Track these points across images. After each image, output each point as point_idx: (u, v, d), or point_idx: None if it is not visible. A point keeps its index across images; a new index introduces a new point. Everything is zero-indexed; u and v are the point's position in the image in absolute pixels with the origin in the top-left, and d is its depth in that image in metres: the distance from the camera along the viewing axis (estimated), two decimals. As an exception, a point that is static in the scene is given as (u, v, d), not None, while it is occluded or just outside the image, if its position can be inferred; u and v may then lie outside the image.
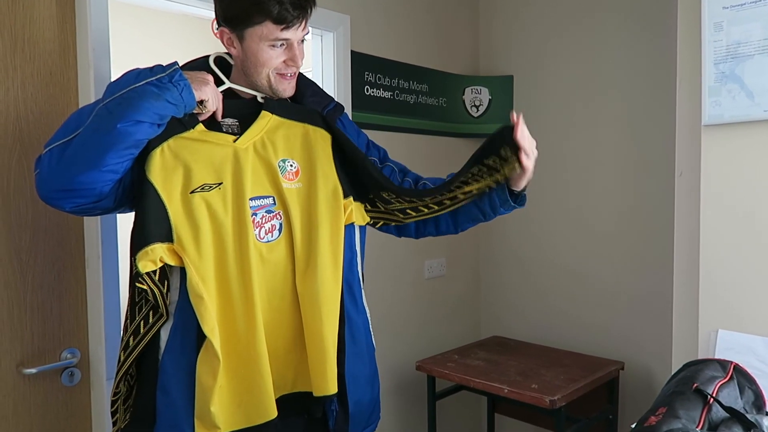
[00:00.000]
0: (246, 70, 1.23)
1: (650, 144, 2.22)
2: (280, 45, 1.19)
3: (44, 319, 1.44)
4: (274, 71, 1.21)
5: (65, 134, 1.07)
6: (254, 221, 1.16)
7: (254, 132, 1.20)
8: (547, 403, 1.87)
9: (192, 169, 1.13)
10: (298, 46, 1.22)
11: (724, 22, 1.29)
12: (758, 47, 1.25)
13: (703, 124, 1.34)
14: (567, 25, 2.44)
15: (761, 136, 1.27)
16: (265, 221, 1.18)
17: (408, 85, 2.39)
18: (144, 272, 1.09)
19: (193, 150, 1.14)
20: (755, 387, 1.17)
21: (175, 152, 1.13)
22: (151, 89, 1.05)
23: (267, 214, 1.18)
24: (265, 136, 1.21)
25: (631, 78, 2.26)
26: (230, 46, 1.22)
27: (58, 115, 1.45)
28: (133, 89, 1.04)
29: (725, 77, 1.30)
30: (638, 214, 2.27)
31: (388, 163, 1.45)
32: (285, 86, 1.24)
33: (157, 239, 1.09)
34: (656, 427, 0.97)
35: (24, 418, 1.41)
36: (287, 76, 1.23)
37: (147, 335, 1.12)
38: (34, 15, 1.41)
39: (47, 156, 1.07)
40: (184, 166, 1.13)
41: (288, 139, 1.23)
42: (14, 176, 1.39)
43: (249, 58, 1.21)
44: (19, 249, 1.39)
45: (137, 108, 1.03)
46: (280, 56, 1.20)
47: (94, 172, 1.05)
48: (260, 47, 1.18)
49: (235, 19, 1.18)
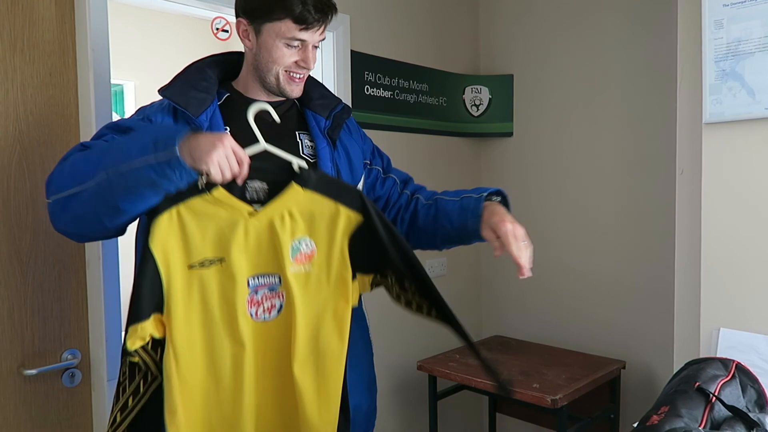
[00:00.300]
0: (257, 65, 1.23)
1: (651, 142, 2.21)
2: (295, 45, 1.19)
3: (45, 320, 1.44)
4: (284, 70, 1.21)
5: (68, 185, 1.05)
6: (252, 299, 1.11)
7: (276, 206, 1.12)
8: (549, 402, 1.87)
9: (195, 241, 1.08)
10: (313, 49, 1.22)
11: (724, 20, 1.29)
12: (759, 45, 1.25)
13: (704, 122, 1.33)
14: (567, 23, 2.43)
15: (762, 134, 1.27)
16: (265, 299, 1.12)
17: (408, 84, 2.39)
18: (132, 349, 1.06)
19: (203, 217, 1.08)
20: (757, 386, 1.17)
21: (183, 219, 1.07)
22: (149, 175, 0.99)
23: (269, 293, 1.13)
24: (287, 212, 1.12)
25: (632, 76, 2.26)
26: (245, 38, 1.22)
27: (57, 116, 1.45)
28: (133, 170, 1.00)
29: (726, 75, 1.29)
30: (639, 212, 2.27)
31: (390, 174, 1.44)
32: (293, 87, 1.24)
33: (148, 314, 1.06)
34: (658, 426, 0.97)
35: (25, 419, 1.41)
36: (297, 78, 1.23)
37: (146, 394, 1.09)
38: (33, 16, 1.41)
39: (52, 206, 1.07)
40: (188, 236, 1.08)
41: (313, 217, 1.14)
42: (14, 177, 1.39)
43: (262, 53, 1.21)
44: (20, 250, 1.39)
45: (135, 191, 1.01)
46: (293, 56, 1.20)
47: (99, 229, 1.08)
48: (275, 44, 1.18)
49: (255, 12, 1.18)
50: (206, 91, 1.21)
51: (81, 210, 1.05)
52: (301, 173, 1.13)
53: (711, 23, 1.30)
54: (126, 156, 1.01)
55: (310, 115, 1.33)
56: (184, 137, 0.99)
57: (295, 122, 1.33)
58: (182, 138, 0.99)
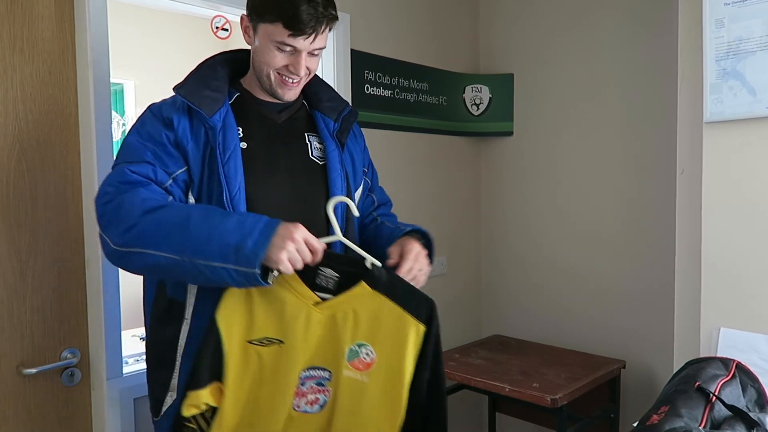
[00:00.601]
0: (254, 64, 1.24)
1: (651, 141, 2.21)
2: (287, 50, 1.17)
3: (44, 319, 1.43)
4: (275, 71, 1.21)
5: (136, 243, 1.06)
6: (298, 390, 1.10)
7: (342, 301, 1.09)
8: (549, 401, 1.87)
9: (259, 318, 1.09)
10: (309, 57, 1.20)
11: (725, 19, 1.29)
12: (760, 44, 1.25)
13: (705, 121, 1.33)
14: (567, 22, 2.43)
15: (763, 133, 1.26)
16: (310, 392, 1.11)
17: (408, 83, 2.39)
18: (188, 416, 1.08)
19: (269, 297, 1.09)
20: (758, 385, 1.17)
21: (251, 295, 1.09)
22: (225, 278, 1.03)
23: (316, 386, 1.11)
24: (352, 310, 1.08)
25: (632, 75, 2.26)
26: (246, 35, 1.23)
27: (57, 115, 1.45)
28: (210, 268, 1.02)
29: (727, 74, 1.29)
30: (639, 212, 2.26)
31: (373, 194, 1.46)
32: (285, 91, 1.23)
33: (206, 382, 1.08)
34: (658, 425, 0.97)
35: (24, 418, 1.41)
36: (289, 81, 1.22)
37: None
38: (32, 15, 1.41)
39: (113, 252, 1.09)
40: (253, 312, 1.09)
41: (379, 323, 1.08)
42: (14, 176, 1.39)
43: (257, 52, 1.21)
44: (19, 249, 1.39)
45: (208, 281, 1.05)
46: (283, 60, 1.19)
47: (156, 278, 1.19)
48: (267, 45, 1.18)
49: (254, 10, 1.19)
50: (219, 91, 1.20)
51: (144, 265, 1.08)
52: (372, 271, 1.09)
53: (712, 22, 1.30)
54: (205, 250, 1.02)
55: (319, 117, 1.33)
56: (263, 249, 1.01)
57: (304, 123, 1.32)
58: (263, 251, 1.01)
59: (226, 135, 1.18)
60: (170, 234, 1.04)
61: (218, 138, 1.17)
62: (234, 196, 1.15)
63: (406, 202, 2.37)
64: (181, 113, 1.19)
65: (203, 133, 1.18)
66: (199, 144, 1.17)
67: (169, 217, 1.06)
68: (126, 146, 1.18)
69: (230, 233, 1.02)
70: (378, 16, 2.29)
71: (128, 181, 1.11)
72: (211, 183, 1.16)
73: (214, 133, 1.17)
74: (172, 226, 1.05)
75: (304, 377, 1.09)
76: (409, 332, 1.07)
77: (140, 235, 1.05)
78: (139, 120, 1.21)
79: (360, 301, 1.08)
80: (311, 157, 1.28)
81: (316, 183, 1.27)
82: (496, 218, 2.68)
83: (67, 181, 1.47)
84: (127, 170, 1.12)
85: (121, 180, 1.12)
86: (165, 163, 1.15)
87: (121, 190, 1.10)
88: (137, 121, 1.21)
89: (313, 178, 1.27)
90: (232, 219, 1.05)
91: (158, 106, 1.22)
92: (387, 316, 1.07)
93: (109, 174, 1.16)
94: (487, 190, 2.71)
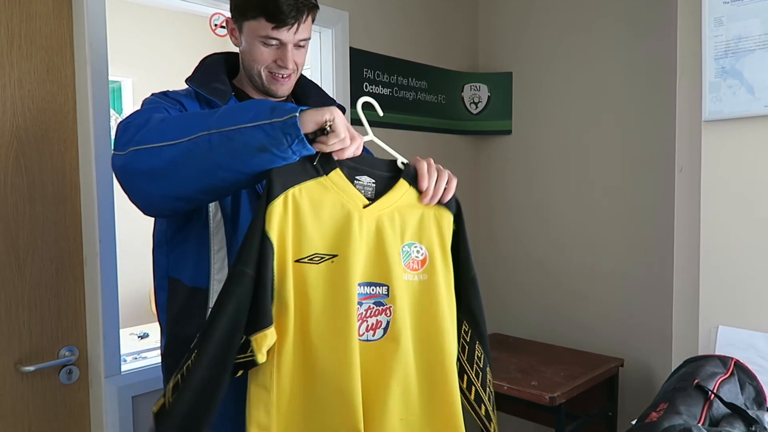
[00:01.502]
0: (243, 63, 1.24)
1: (650, 139, 2.21)
2: (273, 44, 1.17)
3: (42, 317, 1.43)
4: (265, 69, 1.21)
5: (154, 138, 0.94)
6: (357, 314, 0.97)
7: (387, 202, 1.01)
8: (547, 400, 1.87)
9: (308, 232, 0.95)
10: (295, 49, 1.20)
11: (724, 18, 1.29)
12: (758, 42, 1.25)
13: (704, 119, 1.33)
14: (566, 21, 2.43)
15: (761, 132, 1.27)
16: (369, 315, 0.99)
17: (407, 81, 2.39)
18: (263, 362, 0.93)
19: (317, 204, 0.96)
20: (756, 383, 1.17)
21: (297, 204, 0.95)
22: (259, 138, 0.89)
23: (375, 307, 0.99)
24: (397, 211, 1.02)
25: (631, 74, 2.26)
26: (232, 36, 1.23)
27: (55, 112, 1.45)
28: (241, 131, 0.90)
29: (725, 72, 1.29)
30: (638, 210, 2.27)
31: None
32: (277, 87, 1.23)
33: (271, 318, 0.93)
34: (657, 423, 0.97)
35: (22, 415, 1.41)
36: (280, 77, 1.21)
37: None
38: (31, 11, 1.40)
39: (127, 158, 0.96)
40: (301, 225, 0.95)
41: (422, 219, 1.04)
42: (11, 173, 1.38)
43: (245, 52, 1.21)
44: (17, 247, 1.39)
45: (238, 156, 0.91)
46: (271, 55, 1.19)
47: (179, 193, 0.96)
48: (253, 42, 1.18)
49: (236, 9, 1.19)
50: (223, 84, 1.21)
51: (164, 165, 0.93)
52: (405, 169, 1.05)
53: (711, 21, 1.30)
54: (235, 118, 0.91)
55: None
56: (301, 112, 0.91)
57: None
58: (300, 112, 0.90)
59: None
60: (192, 120, 0.95)
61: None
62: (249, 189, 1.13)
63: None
64: (191, 100, 1.19)
65: None
66: None
67: (190, 114, 1.02)
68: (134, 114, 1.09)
69: (265, 102, 0.94)
70: (377, 15, 2.29)
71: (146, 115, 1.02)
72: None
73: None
74: (198, 116, 0.98)
75: (362, 295, 0.98)
76: (444, 221, 1.06)
77: (157, 129, 0.96)
78: (145, 102, 1.14)
79: (403, 200, 1.03)
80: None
81: None
82: (495, 216, 2.68)
83: (65, 177, 1.47)
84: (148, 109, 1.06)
85: (135, 117, 1.03)
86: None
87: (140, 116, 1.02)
88: (146, 104, 1.14)
89: None
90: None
91: (164, 92, 1.19)
92: (428, 213, 1.05)
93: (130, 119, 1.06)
94: (486, 189, 2.71)
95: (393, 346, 0.99)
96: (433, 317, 1.02)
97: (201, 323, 1.00)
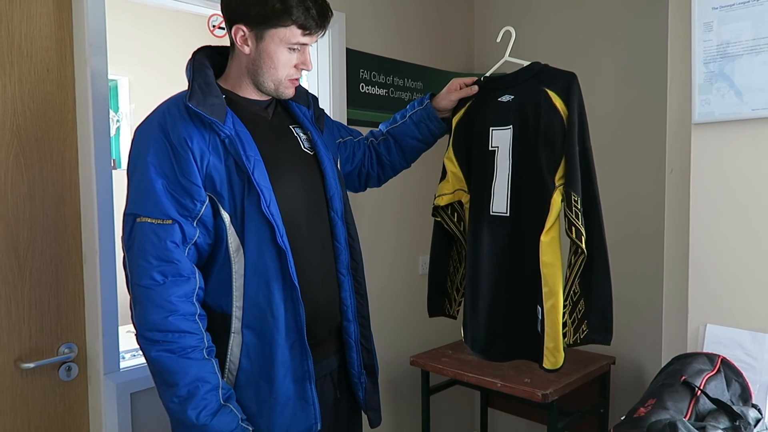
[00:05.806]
0: (255, 69, 1.23)
1: (641, 141, 2.24)
2: (297, 48, 1.22)
3: (42, 315, 1.45)
4: (287, 78, 1.24)
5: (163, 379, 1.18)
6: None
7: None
8: (540, 397, 1.90)
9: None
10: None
11: (713, 22, 1.31)
12: (747, 47, 1.27)
13: (693, 122, 1.36)
14: (560, 22, 2.45)
15: (749, 134, 1.29)
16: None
17: (403, 82, 2.41)
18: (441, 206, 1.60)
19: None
20: (742, 380, 1.20)
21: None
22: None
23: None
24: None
25: (623, 76, 2.29)
26: (243, 44, 1.21)
27: (54, 112, 1.46)
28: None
29: (715, 76, 1.32)
30: (629, 210, 2.29)
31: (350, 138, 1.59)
32: (291, 90, 1.28)
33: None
34: (645, 417, 0.99)
35: (22, 412, 1.42)
36: (295, 80, 1.28)
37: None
38: (31, 11, 1.42)
39: (153, 353, 1.19)
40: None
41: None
42: (11, 173, 1.40)
43: (263, 58, 1.21)
44: (17, 245, 1.40)
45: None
46: (293, 59, 1.23)
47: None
48: (278, 49, 1.20)
49: (257, 18, 1.18)
50: (217, 96, 1.19)
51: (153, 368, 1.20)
52: (531, 68, 1.63)
53: (701, 25, 1.33)
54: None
55: (294, 107, 1.37)
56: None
57: (285, 116, 1.36)
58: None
59: (243, 143, 1.17)
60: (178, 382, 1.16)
61: (237, 147, 1.16)
62: (269, 203, 1.16)
63: (399, 200, 2.39)
64: (190, 125, 1.15)
65: (219, 143, 1.16)
66: (219, 156, 1.16)
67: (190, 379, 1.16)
68: (145, 188, 1.13)
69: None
70: (373, 15, 2.31)
71: (166, 259, 1.12)
72: (243, 193, 1.16)
73: (232, 142, 1.16)
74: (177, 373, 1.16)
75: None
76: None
77: (165, 369, 1.18)
78: (151, 140, 1.16)
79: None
80: (304, 149, 1.33)
81: (313, 173, 1.32)
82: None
83: (65, 177, 1.48)
84: (156, 239, 1.12)
85: (159, 257, 1.12)
86: (187, 207, 1.13)
87: (160, 283, 1.13)
88: (149, 141, 1.16)
89: (310, 169, 1.32)
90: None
91: (164, 119, 1.17)
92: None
93: (136, 233, 1.13)
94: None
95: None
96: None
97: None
